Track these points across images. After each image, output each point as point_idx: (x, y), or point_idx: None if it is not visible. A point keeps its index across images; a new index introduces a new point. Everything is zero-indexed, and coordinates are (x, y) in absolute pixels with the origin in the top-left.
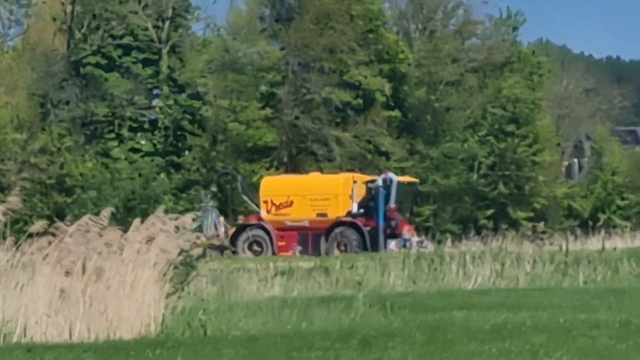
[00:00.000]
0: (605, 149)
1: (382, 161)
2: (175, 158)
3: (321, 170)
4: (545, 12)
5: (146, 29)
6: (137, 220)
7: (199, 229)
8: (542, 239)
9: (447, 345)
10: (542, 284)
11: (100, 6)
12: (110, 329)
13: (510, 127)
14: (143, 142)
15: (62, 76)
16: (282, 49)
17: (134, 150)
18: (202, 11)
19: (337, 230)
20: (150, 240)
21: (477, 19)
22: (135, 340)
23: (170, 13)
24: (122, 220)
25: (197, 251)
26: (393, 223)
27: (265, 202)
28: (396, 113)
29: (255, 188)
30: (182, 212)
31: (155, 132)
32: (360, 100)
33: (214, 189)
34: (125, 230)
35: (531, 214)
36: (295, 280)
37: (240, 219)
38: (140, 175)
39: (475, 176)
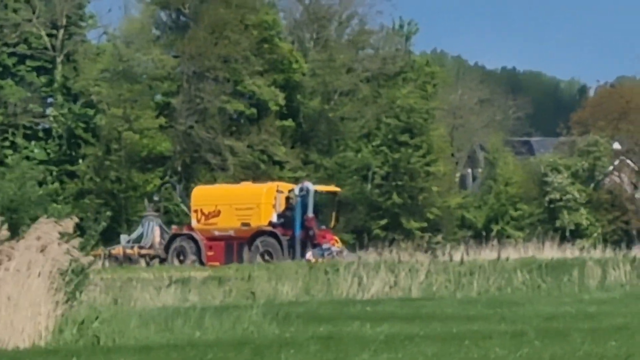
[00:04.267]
0: (499, 160)
1: (276, 171)
2: (69, 166)
3: (215, 180)
4: (440, 22)
5: (40, 37)
6: (32, 228)
7: (138, 238)
8: (435, 250)
9: (341, 355)
10: (436, 294)
11: None
12: (3, 338)
13: (404, 137)
14: (37, 150)
15: None
16: (177, 57)
17: (28, 158)
18: (97, 19)
19: (259, 239)
20: (40, 248)
21: (371, 29)
22: (28, 349)
23: (64, 21)
24: (7, 225)
25: (87, 259)
26: (311, 232)
27: (196, 211)
28: (290, 123)
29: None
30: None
31: (49, 141)
32: (254, 110)
33: (155, 198)
34: (10, 236)
35: (425, 224)
36: (189, 290)
37: (173, 229)
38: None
39: (369, 186)
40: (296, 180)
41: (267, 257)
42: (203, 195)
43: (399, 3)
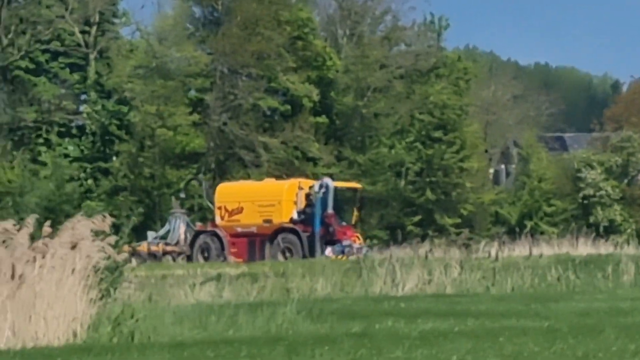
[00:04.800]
0: (532, 156)
1: (310, 167)
2: (102, 164)
3: (249, 177)
4: (472, 18)
5: (73, 33)
6: (64, 225)
7: (165, 235)
8: (469, 246)
9: (375, 352)
10: (470, 290)
11: (27, 10)
12: (37, 335)
13: (438, 134)
14: (71, 147)
15: None
16: (210, 54)
17: (63, 155)
18: (130, 15)
19: (280, 236)
20: (74, 245)
21: (404, 25)
22: (63, 347)
23: (97, 18)
24: (43, 224)
25: (121, 256)
26: (331, 229)
27: (219, 208)
28: (324, 119)
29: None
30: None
31: (83, 138)
32: (288, 106)
33: (182, 195)
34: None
35: (458, 221)
36: (223, 287)
37: (198, 226)
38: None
39: (402, 182)
40: (330, 177)
41: (287, 254)
42: (226, 192)
43: None
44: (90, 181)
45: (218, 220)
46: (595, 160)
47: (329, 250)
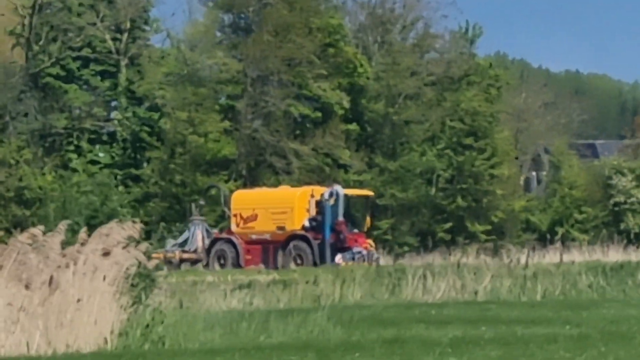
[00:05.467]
0: (564, 163)
1: (341, 174)
2: (133, 170)
3: (279, 183)
4: (503, 26)
5: (104, 40)
6: (95, 233)
7: (184, 243)
8: (500, 253)
9: (406, 358)
10: (501, 297)
11: (58, 18)
12: (68, 341)
13: (469, 140)
14: (101, 154)
15: (20, 88)
16: (241, 60)
17: (93, 162)
18: (161, 23)
19: (291, 243)
20: (105, 252)
21: (436, 33)
22: (94, 353)
23: (128, 25)
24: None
25: (152, 263)
26: (342, 236)
27: (235, 215)
28: (355, 126)
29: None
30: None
31: (114, 145)
32: (319, 113)
33: (202, 202)
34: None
35: (489, 228)
36: (254, 294)
37: (215, 233)
38: (99, 188)
39: (433, 189)
40: (360, 184)
41: (298, 261)
42: (242, 199)
43: (464, 6)
44: (121, 188)
45: (234, 227)
46: (626, 167)
47: (339, 257)
